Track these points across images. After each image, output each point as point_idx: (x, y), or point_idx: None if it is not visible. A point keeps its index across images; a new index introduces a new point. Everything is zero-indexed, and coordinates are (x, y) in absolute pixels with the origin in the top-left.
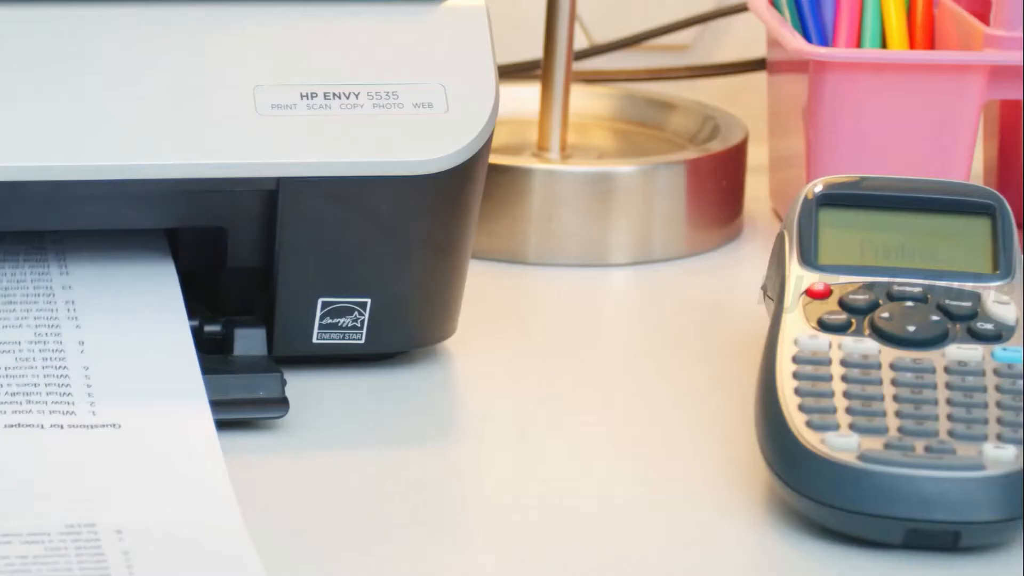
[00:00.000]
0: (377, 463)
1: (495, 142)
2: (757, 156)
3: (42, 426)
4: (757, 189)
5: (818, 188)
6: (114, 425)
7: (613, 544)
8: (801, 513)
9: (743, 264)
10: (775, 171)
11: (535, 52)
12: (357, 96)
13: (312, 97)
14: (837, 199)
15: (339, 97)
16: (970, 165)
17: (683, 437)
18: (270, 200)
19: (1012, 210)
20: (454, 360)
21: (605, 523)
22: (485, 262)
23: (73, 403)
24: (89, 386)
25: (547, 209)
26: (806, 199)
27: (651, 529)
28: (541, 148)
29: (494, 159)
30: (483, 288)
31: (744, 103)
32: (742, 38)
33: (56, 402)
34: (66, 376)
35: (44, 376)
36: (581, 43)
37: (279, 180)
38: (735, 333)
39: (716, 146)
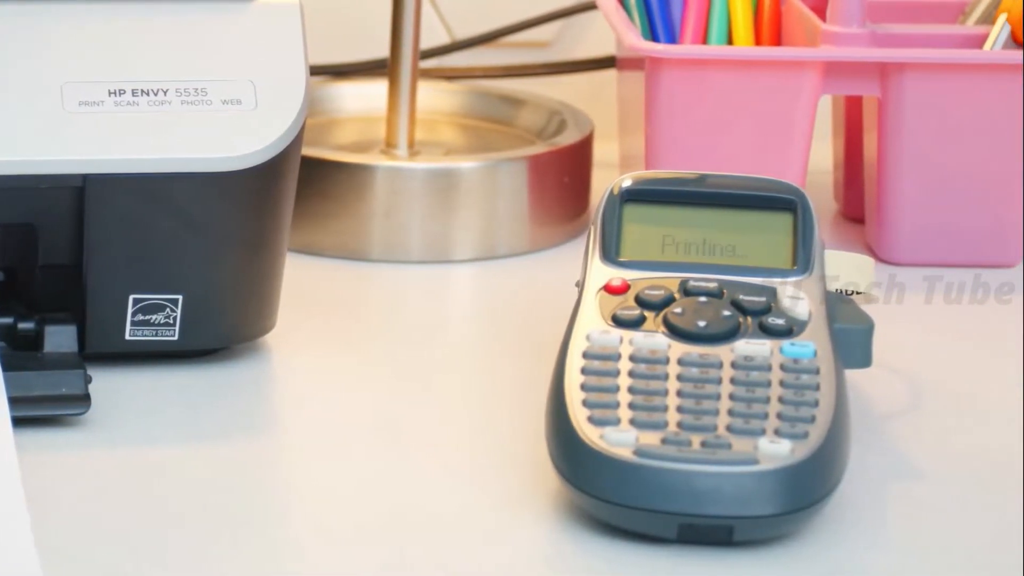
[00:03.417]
0: (178, 461)
1: (343, 139)
2: (612, 153)
3: None
4: None
5: (625, 183)
6: None
7: (405, 541)
8: (582, 509)
9: None
10: (624, 168)
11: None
12: (165, 93)
13: (120, 94)
14: (641, 195)
15: (147, 94)
16: (807, 161)
17: (496, 433)
18: (78, 197)
19: (852, 203)
20: (272, 357)
21: (403, 521)
22: (328, 259)
23: None
24: None
25: (390, 206)
26: (611, 194)
27: (448, 528)
28: (389, 145)
29: (339, 156)
30: (320, 285)
31: (607, 100)
32: (603, 35)
33: None
34: None
35: None
36: (442, 39)
37: (86, 177)
38: None
39: (559, 142)
